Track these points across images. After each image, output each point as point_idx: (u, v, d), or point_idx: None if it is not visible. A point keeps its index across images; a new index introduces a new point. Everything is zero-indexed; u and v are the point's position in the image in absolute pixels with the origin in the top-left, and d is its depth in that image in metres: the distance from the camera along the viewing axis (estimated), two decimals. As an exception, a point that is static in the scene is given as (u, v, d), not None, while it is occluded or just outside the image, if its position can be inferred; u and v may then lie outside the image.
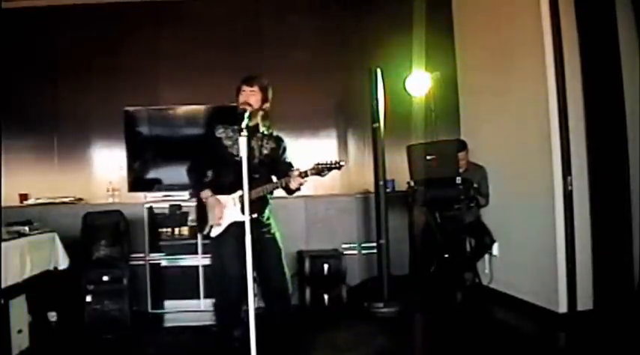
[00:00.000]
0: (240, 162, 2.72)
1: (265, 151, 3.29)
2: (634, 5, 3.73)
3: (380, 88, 4.58)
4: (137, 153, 4.87)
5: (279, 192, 3.34)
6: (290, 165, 3.31)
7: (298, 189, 3.17)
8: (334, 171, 3.10)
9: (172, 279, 4.57)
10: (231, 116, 3.22)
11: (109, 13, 5.35)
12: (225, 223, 3.21)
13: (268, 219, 3.32)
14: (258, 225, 3.14)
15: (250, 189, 2.81)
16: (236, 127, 3.14)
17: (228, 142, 3.25)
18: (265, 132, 3.34)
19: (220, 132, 3.29)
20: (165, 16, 5.40)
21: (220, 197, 3.22)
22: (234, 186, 3.10)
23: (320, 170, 3.05)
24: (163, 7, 5.39)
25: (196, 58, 5.35)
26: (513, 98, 4.48)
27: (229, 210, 3.21)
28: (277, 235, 3.33)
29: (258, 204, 3.19)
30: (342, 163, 3.07)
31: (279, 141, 3.37)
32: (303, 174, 3.06)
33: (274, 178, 3.28)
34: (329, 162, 3.04)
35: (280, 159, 3.33)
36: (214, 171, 3.34)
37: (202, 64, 5.30)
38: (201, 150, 3.42)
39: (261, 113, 3.30)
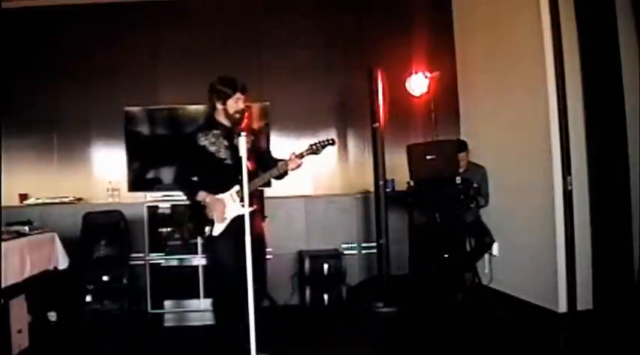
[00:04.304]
0: (229, 165, 2.99)
1: (248, 145, 3.29)
2: (634, 5, 3.73)
3: (380, 88, 4.58)
4: (137, 153, 4.88)
5: (280, 192, 3.36)
6: (269, 151, 3.48)
7: (287, 172, 3.26)
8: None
9: (172, 279, 4.57)
10: (208, 120, 3.34)
11: (109, 13, 5.35)
12: (228, 218, 3.22)
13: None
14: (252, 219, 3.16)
15: (247, 186, 2.87)
16: (217, 132, 3.26)
17: (213, 148, 3.24)
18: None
19: (202, 140, 3.26)
20: (165, 16, 5.40)
21: (218, 196, 3.23)
22: (228, 184, 3.17)
23: (315, 149, 3.18)
24: (163, 7, 5.39)
25: (196, 58, 5.35)
26: (513, 98, 4.48)
27: (229, 206, 3.22)
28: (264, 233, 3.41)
29: (254, 198, 3.21)
30: (334, 139, 3.22)
31: (253, 133, 3.46)
32: (299, 155, 3.18)
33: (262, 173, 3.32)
34: (322, 141, 3.18)
35: (261, 148, 3.45)
36: (204, 177, 3.31)
37: (202, 64, 5.29)
38: (185, 159, 3.36)
39: None
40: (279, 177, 3.30)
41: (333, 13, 5.54)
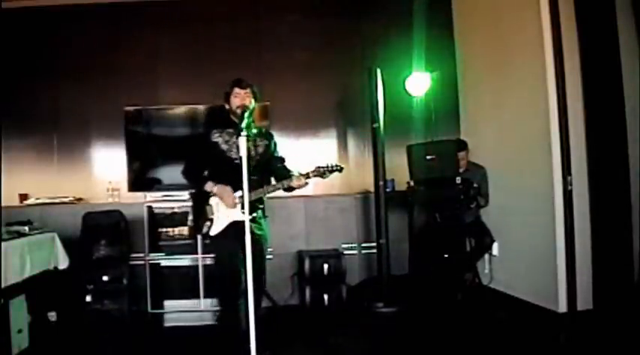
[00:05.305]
0: (238, 165, 2.79)
1: (260, 150, 3.36)
2: (634, 5, 3.73)
3: (380, 88, 4.58)
4: (137, 153, 4.88)
5: (280, 192, 3.36)
6: (282, 159, 3.44)
7: (292, 188, 3.27)
8: (335, 173, 3.21)
9: (172, 279, 4.58)
10: (224, 119, 3.34)
11: (109, 13, 5.35)
12: (225, 222, 3.24)
13: (260, 217, 3.36)
14: (252, 223, 3.17)
15: (250, 190, 2.85)
16: (231, 130, 3.29)
17: (225, 147, 3.30)
18: (256, 132, 3.40)
19: (216, 137, 3.32)
20: (165, 16, 5.40)
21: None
22: (235, 184, 3.14)
23: (322, 172, 3.17)
24: (163, 7, 5.39)
25: (196, 58, 5.36)
26: (513, 98, 4.48)
27: (230, 210, 3.22)
28: (266, 234, 3.39)
29: (254, 204, 3.24)
30: (342, 166, 3.20)
31: (269, 137, 3.47)
32: (305, 176, 3.17)
33: (272, 180, 3.37)
34: (330, 165, 3.17)
35: (273, 155, 3.43)
36: (212, 174, 3.34)
37: (202, 64, 5.31)
38: (196, 152, 3.42)
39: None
40: (285, 190, 3.31)
41: (333, 13, 5.54)
